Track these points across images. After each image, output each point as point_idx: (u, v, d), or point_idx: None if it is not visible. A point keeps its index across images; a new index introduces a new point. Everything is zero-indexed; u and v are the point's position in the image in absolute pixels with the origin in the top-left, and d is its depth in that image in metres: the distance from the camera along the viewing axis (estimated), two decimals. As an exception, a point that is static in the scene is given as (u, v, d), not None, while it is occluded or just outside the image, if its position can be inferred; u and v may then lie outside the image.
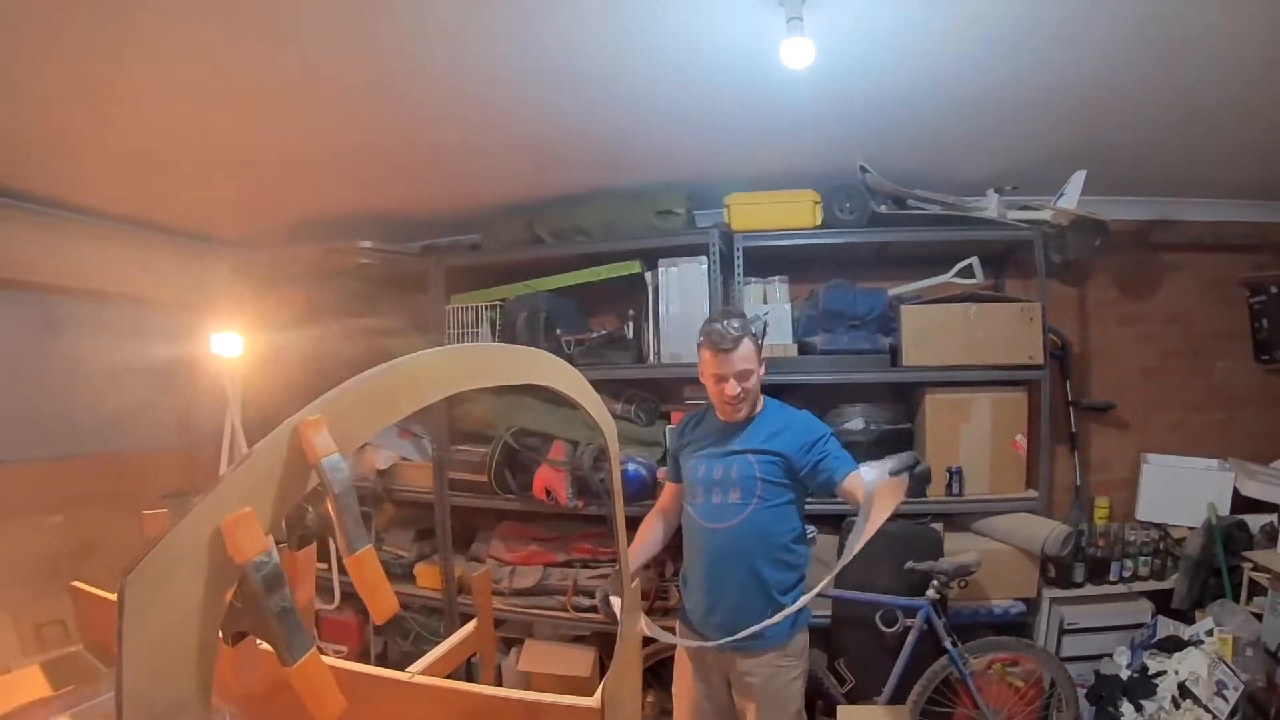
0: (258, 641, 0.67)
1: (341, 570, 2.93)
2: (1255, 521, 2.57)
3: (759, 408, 1.84)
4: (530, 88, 1.88)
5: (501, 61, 1.74)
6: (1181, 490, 2.71)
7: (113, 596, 1.16)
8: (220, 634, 0.72)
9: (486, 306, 2.65)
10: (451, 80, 1.82)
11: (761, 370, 1.80)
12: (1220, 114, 2.12)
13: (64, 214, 2.53)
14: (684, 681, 1.94)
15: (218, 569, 0.56)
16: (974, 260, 2.56)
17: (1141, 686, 2.12)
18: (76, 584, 1.26)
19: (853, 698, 2.29)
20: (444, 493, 2.66)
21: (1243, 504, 2.66)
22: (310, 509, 0.75)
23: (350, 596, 2.99)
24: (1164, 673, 2.14)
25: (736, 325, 1.73)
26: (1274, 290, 2.88)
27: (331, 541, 2.91)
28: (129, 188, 2.44)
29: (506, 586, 2.57)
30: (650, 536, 1.93)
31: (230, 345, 2.77)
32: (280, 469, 0.61)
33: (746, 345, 1.73)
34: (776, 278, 2.55)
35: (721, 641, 1.68)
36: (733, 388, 1.72)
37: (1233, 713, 2.01)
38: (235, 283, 3.13)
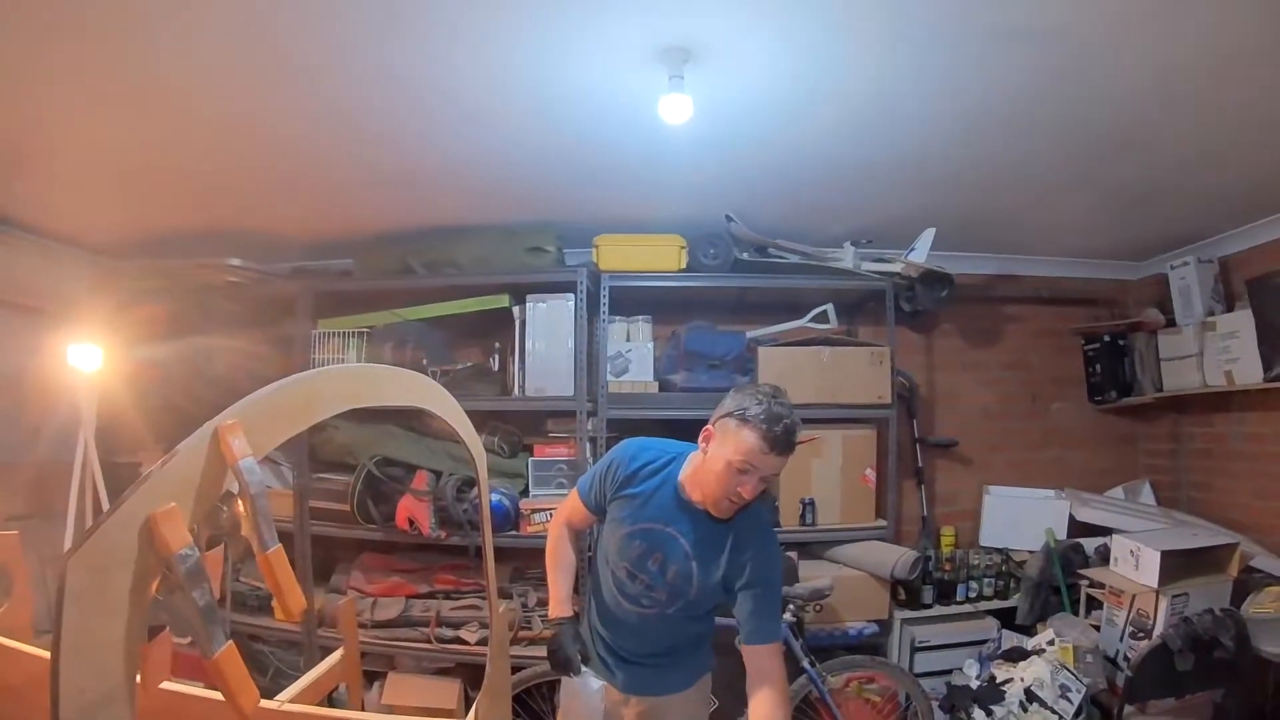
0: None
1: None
2: (1090, 544, 2.83)
3: None
4: (411, 122, 1.90)
5: (380, 97, 1.76)
6: (1021, 518, 2.95)
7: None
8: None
9: (354, 333, 2.63)
10: (322, 112, 1.83)
11: None
12: (1052, 185, 2.37)
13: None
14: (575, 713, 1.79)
15: (145, 561, 0.58)
16: (829, 307, 2.73)
17: (990, 694, 2.28)
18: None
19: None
20: (304, 521, 2.61)
21: (1078, 530, 2.92)
22: (224, 509, 0.77)
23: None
24: (1010, 680, 2.30)
25: (800, 422, 1.42)
26: (1106, 339, 3.20)
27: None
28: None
29: (368, 619, 2.53)
30: (568, 558, 1.72)
31: (88, 358, 2.62)
32: (201, 469, 0.64)
33: None
34: (641, 317, 2.64)
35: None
36: (752, 490, 1.41)
37: (1078, 712, 2.19)
38: (97, 292, 2.97)
